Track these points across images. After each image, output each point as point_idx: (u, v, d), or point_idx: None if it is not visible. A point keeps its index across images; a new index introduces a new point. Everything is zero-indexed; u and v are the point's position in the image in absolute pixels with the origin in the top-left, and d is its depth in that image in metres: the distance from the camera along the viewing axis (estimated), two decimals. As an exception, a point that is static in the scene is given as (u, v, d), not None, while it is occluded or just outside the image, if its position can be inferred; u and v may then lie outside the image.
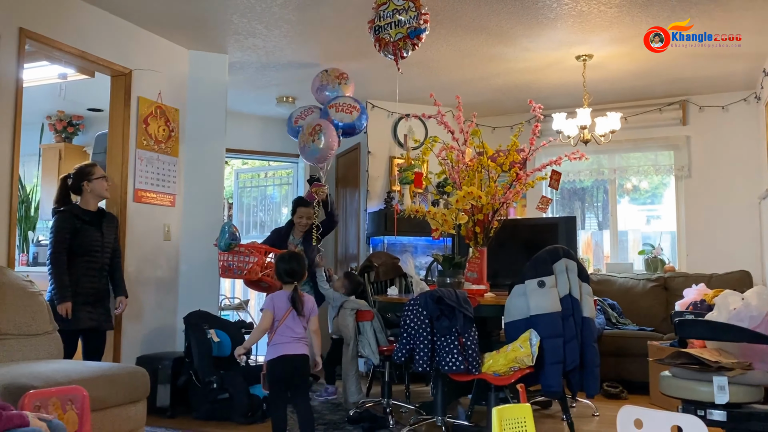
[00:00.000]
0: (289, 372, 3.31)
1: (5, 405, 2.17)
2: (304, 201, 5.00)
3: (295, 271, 3.44)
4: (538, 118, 4.33)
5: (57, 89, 5.77)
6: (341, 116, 4.79)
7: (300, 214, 4.97)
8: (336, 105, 4.81)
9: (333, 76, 5.03)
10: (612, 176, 6.75)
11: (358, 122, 4.84)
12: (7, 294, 3.27)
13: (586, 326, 3.55)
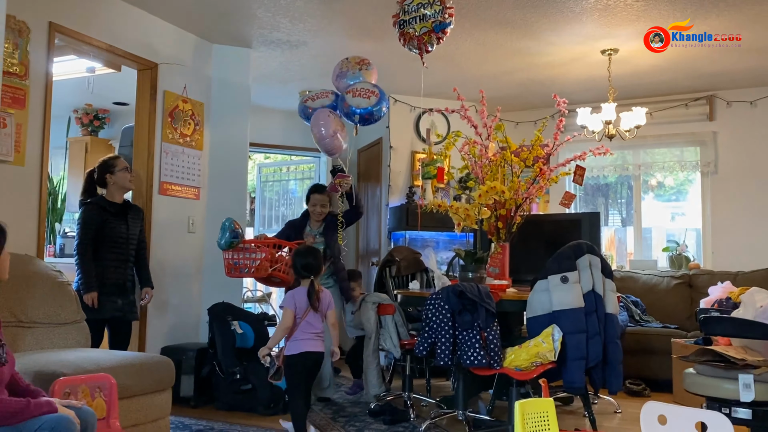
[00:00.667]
0: (309, 367, 3.43)
1: (37, 391, 2.23)
2: (318, 187, 4.78)
3: (312, 266, 3.47)
4: (563, 113, 4.31)
5: (83, 83, 5.87)
6: (358, 101, 4.45)
7: (314, 202, 4.67)
8: (353, 90, 4.50)
9: (353, 63, 4.76)
10: (636, 172, 6.68)
11: (376, 108, 4.49)
12: (36, 284, 3.34)
13: (610, 322, 3.52)
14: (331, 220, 4.67)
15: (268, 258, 4.12)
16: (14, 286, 3.21)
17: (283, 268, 4.12)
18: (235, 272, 4.22)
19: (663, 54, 5.23)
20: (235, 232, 4.09)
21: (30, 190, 3.79)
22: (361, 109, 4.47)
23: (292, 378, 3.43)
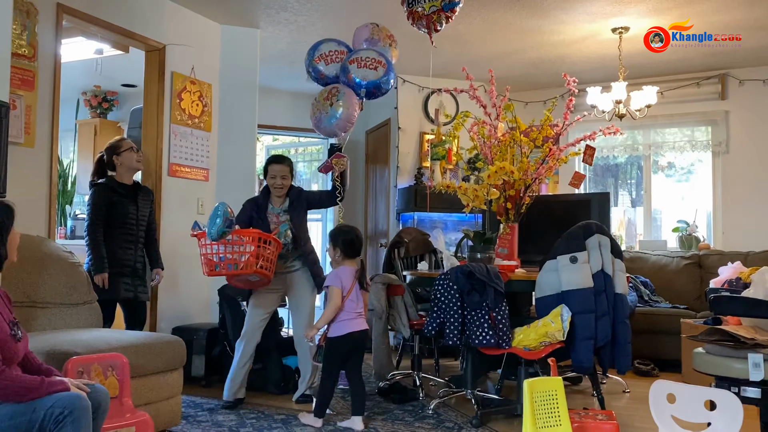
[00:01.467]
0: (352, 348, 3.46)
1: (49, 369, 2.26)
2: (276, 157, 4.07)
3: (358, 244, 3.53)
4: (573, 93, 4.27)
5: (92, 65, 5.87)
6: (364, 73, 4.01)
7: (272, 174, 3.95)
8: (358, 59, 4.03)
9: (384, 34, 4.25)
10: (647, 152, 6.63)
11: (384, 81, 4.05)
12: (48, 265, 3.37)
13: (619, 302, 3.52)
14: (297, 196, 4.04)
15: (254, 252, 3.51)
16: (26, 267, 3.24)
17: (267, 265, 3.56)
18: (220, 269, 3.52)
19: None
20: (229, 220, 3.42)
21: (40, 172, 3.82)
22: (367, 82, 4.03)
23: (331, 360, 3.44)
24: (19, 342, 2.10)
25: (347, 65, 4.06)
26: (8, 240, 2.09)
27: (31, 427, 1.92)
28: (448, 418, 3.65)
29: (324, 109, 3.99)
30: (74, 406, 1.95)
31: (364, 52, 4.06)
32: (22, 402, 1.96)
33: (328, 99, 3.99)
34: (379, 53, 4.09)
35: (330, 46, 4.21)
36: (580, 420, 2.79)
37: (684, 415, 2.21)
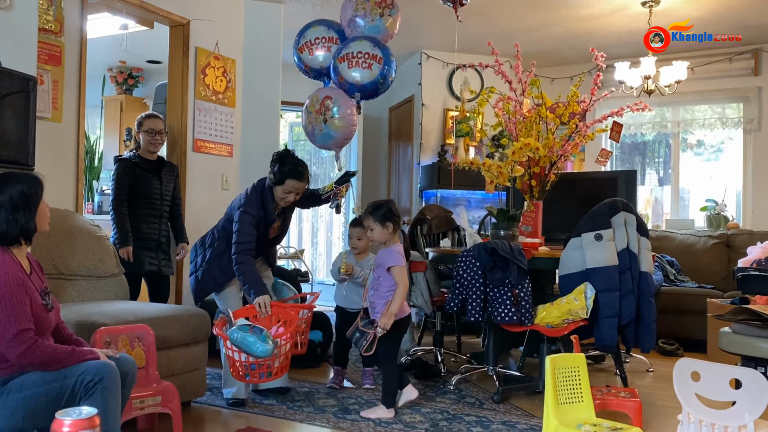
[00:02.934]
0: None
1: (79, 340, 2.30)
2: (299, 172, 3.33)
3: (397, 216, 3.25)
4: (600, 68, 4.19)
5: (117, 41, 5.90)
6: (357, 74, 3.50)
7: (288, 189, 3.33)
8: (348, 56, 3.51)
9: (372, 3, 3.68)
10: (675, 129, 6.51)
11: (381, 80, 3.56)
12: (76, 237, 3.42)
13: (644, 281, 3.48)
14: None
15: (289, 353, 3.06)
16: (55, 239, 3.30)
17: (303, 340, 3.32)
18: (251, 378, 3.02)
19: (706, 5, 5.03)
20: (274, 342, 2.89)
21: (68, 146, 3.87)
22: (361, 85, 3.54)
23: (397, 342, 3.26)
24: (50, 311, 2.14)
25: (337, 64, 3.54)
26: (38, 212, 2.12)
27: (62, 394, 1.97)
28: (469, 393, 3.66)
29: (317, 124, 3.59)
30: (104, 373, 1.99)
31: (355, 45, 3.51)
32: (53, 370, 2.01)
33: (321, 113, 3.55)
34: (373, 43, 3.54)
35: (317, 32, 3.80)
36: (602, 397, 2.78)
37: (708, 394, 2.18)
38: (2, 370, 2.01)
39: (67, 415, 1.03)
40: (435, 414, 3.25)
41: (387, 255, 3.18)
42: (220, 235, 3.47)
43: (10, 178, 2.10)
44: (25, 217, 2.07)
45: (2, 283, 1.96)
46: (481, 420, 3.16)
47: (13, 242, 2.06)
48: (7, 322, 1.94)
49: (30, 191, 2.09)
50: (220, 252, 3.42)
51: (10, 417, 1.98)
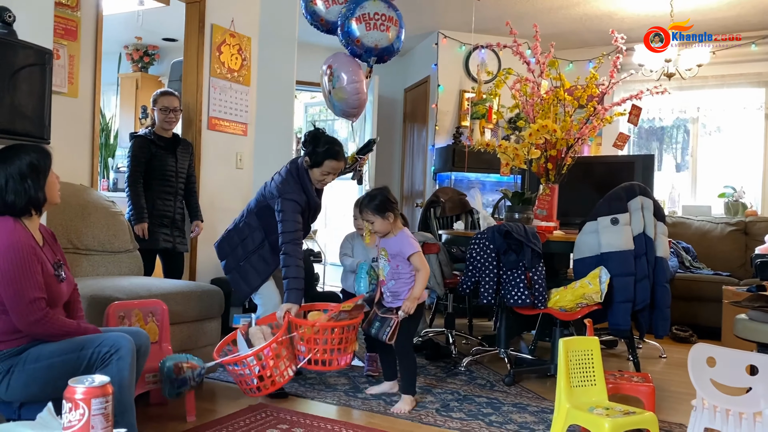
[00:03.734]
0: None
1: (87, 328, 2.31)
2: (334, 151, 3.17)
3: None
4: (619, 50, 4.12)
5: (133, 18, 5.89)
6: (375, 37, 3.32)
7: (326, 170, 3.17)
8: (365, 17, 3.31)
9: None
10: (695, 114, 6.41)
11: (396, 42, 3.46)
12: (91, 213, 3.44)
13: (659, 266, 3.45)
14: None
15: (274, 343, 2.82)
16: (70, 214, 3.32)
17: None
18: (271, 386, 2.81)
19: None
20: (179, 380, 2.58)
21: (83, 122, 3.87)
22: (380, 49, 3.39)
23: (414, 329, 3.14)
24: (62, 283, 2.15)
25: (351, 25, 3.34)
26: (47, 183, 2.12)
27: (79, 365, 1.99)
28: (480, 375, 3.66)
29: (326, 97, 3.45)
30: (120, 345, 2.00)
31: (370, 5, 3.31)
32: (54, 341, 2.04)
33: (329, 84, 3.39)
34: (387, 4, 3.35)
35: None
36: (615, 381, 2.76)
37: (723, 380, 2.16)
38: (17, 340, 2.03)
39: (80, 382, 1.03)
40: (446, 395, 3.25)
41: (401, 243, 3.01)
42: (255, 225, 3.21)
43: (18, 149, 2.10)
44: (34, 187, 2.07)
45: (14, 251, 1.97)
46: (492, 402, 3.15)
47: (23, 213, 2.07)
48: (20, 290, 1.95)
49: (38, 162, 2.09)
50: (259, 243, 3.19)
51: (27, 386, 2.00)
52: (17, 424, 1.10)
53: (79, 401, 1.02)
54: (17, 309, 1.96)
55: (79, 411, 1.01)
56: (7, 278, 1.95)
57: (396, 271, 3.05)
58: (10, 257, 1.96)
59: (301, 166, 3.19)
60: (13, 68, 2.35)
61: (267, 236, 3.18)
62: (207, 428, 2.63)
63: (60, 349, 2.02)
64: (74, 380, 1.03)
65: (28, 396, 2.03)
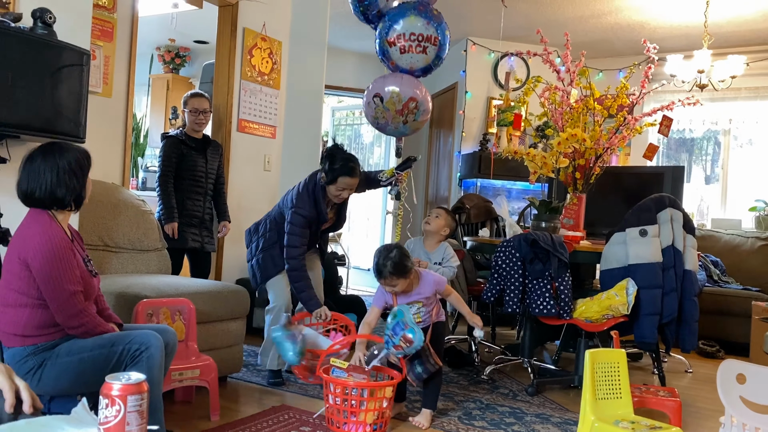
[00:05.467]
0: None
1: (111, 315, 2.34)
2: (348, 168, 3.20)
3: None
4: (651, 60, 4.08)
5: (167, 20, 5.98)
6: (411, 60, 3.24)
7: (341, 186, 3.23)
8: (398, 41, 3.21)
9: None
10: (726, 126, 6.31)
11: (435, 60, 3.35)
12: (122, 211, 3.50)
13: (687, 279, 3.40)
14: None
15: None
16: (101, 212, 3.37)
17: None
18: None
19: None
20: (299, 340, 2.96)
21: (117, 121, 3.94)
22: (416, 69, 3.31)
23: (441, 347, 3.09)
24: (95, 277, 2.20)
25: (386, 47, 3.23)
26: (86, 182, 2.16)
27: (109, 360, 2.03)
28: (503, 384, 3.64)
29: (394, 121, 3.34)
30: (150, 343, 2.04)
31: (406, 23, 3.16)
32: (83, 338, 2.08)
33: (403, 114, 3.30)
34: (426, 19, 3.17)
35: None
36: (641, 395, 2.73)
37: (754, 397, 2.12)
38: (51, 335, 2.07)
39: (117, 379, 1.05)
40: (468, 402, 3.24)
41: (433, 284, 2.92)
42: (272, 226, 3.48)
43: (63, 146, 2.14)
44: (79, 184, 2.12)
45: (52, 246, 2.01)
46: (515, 411, 3.14)
47: (64, 207, 2.11)
48: (60, 284, 2.00)
49: (84, 161, 2.14)
50: (272, 242, 3.45)
51: (57, 380, 2.04)
52: (53, 417, 1.12)
53: (116, 398, 1.03)
54: (58, 302, 2.00)
55: (116, 407, 1.03)
56: (46, 272, 1.99)
57: (430, 308, 2.97)
58: (49, 252, 2.00)
59: (318, 181, 3.33)
60: (54, 68, 2.41)
61: (280, 239, 3.41)
62: (231, 428, 2.66)
63: (91, 344, 2.06)
64: (111, 377, 1.05)
65: (58, 390, 2.07)
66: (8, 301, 2.04)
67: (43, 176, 2.07)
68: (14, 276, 2.03)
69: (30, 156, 2.10)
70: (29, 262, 2.00)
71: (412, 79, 3.38)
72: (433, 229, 3.47)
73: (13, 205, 2.41)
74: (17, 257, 2.02)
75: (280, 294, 3.45)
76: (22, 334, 2.04)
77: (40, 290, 2.01)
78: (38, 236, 2.02)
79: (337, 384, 2.70)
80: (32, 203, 2.10)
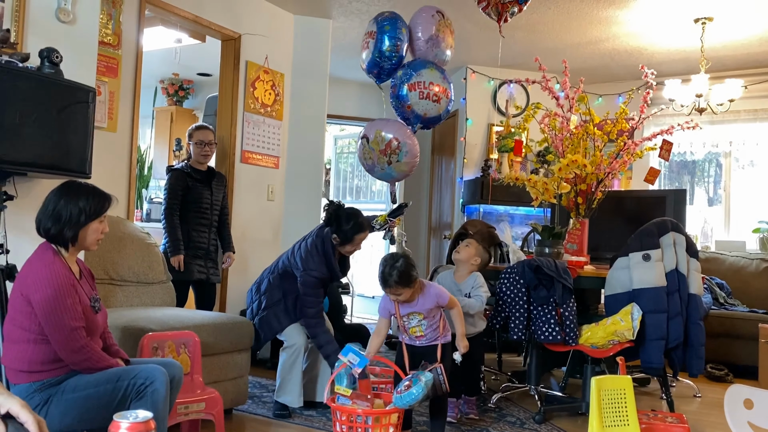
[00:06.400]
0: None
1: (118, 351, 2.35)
2: (360, 225, 3.32)
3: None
4: (649, 85, 4.12)
5: (170, 54, 6.08)
6: (426, 107, 3.42)
7: (357, 242, 3.35)
8: (418, 87, 3.39)
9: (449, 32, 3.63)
10: (727, 149, 6.34)
11: (446, 112, 3.61)
12: (127, 244, 3.52)
13: (693, 303, 3.40)
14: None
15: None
16: (107, 245, 3.40)
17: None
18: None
19: (761, 23, 4.91)
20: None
21: (121, 156, 3.99)
22: (428, 118, 3.50)
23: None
24: (97, 313, 2.21)
25: (404, 89, 3.43)
26: (88, 226, 2.17)
27: (114, 396, 2.03)
28: (510, 412, 3.61)
29: (379, 163, 3.49)
30: (155, 377, 2.04)
31: (426, 74, 3.41)
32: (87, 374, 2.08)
33: (386, 154, 3.44)
34: (442, 74, 3.45)
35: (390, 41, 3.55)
36: (649, 421, 2.71)
37: (762, 423, 2.10)
38: (56, 370, 2.07)
39: (124, 417, 1.05)
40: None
41: (434, 297, 2.90)
42: (275, 283, 3.43)
43: (77, 187, 2.17)
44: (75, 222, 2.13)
45: (54, 282, 2.03)
46: (522, 440, 3.11)
47: (62, 244, 2.15)
48: (60, 320, 2.01)
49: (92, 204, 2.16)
50: (276, 300, 3.40)
51: (64, 417, 2.04)
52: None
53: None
54: (58, 338, 2.02)
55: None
56: (48, 308, 2.01)
57: (432, 321, 2.94)
58: (49, 288, 2.02)
59: (326, 239, 3.32)
60: (60, 106, 2.45)
61: (284, 297, 3.40)
62: (236, 461, 2.64)
63: (96, 380, 2.06)
64: (119, 415, 1.06)
65: (64, 426, 2.06)
66: (13, 337, 2.06)
67: (47, 209, 2.12)
68: (18, 312, 2.05)
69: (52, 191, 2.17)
70: (31, 298, 2.02)
71: (400, 125, 3.51)
72: (463, 258, 3.43)
73: (22, 242, 2.44)
74: (20, 293, 2.05)
75: (295, 333, 3.38)
76: (28, 370, 2.04)
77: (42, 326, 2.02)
78: (40, 272, 2.04)
79: (343, 411, 2.69)
80: (42, 235, 2.14)
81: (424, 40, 3.68)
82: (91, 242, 2.21)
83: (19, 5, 2.62)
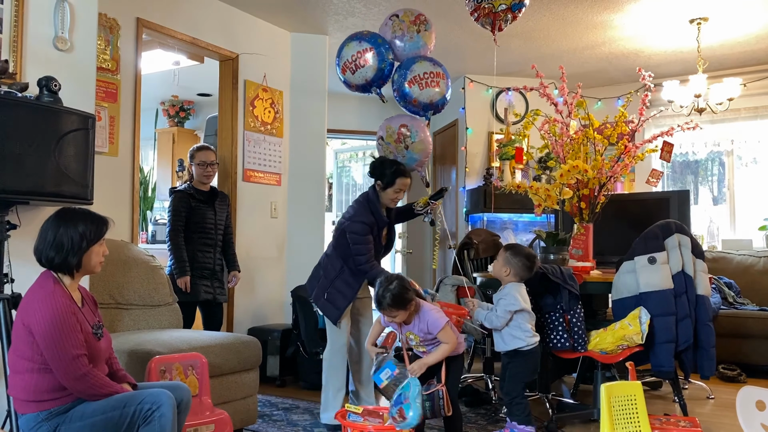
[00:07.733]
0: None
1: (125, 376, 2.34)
2: (401, 170, 3.44)
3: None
4: (647, 88, 4.12)
5: (169, 76, 6.12)
6: (429, 94, 3.62)
7: (398, 187, 3.40)
8: (416, 79, 3.61)
9: (408, 22, 3.73)
10: (729, 147, 6.33)
11: (447, 93, 3.74)
12: (132, 268, 3.53)
13: (701, 304, 3.38)
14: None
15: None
16: (112, 269, 3.40)
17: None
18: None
19: (758, 21, 4.92)
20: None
21: (123, 180, 4.01)
22: (435, 102, 3.68)
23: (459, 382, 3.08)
24: (100, 340, 2.21)
25: (405, 87, 3.65)
26: (90, 251, 2.18)
27: (122, 422, 2.03)
28: (521, 422, 3.58)
29: (399, 152, 3.66)
30: (161, 402, 2.04)
31: (418, 66, 3.63)
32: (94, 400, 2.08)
33: (401, 141, 3.63)
34: (431, 62, 3.67)
35: (351, 50, 3.73)
36: (661, 426, 2.69)
37: (775, 424, 2.09)
38: (62, 399, 2.07)
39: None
40: (487, 443, 3.19)
41: (426, 323, 2.84)
42: (332, 255, 3.50)
43: (72, 214, 2.18)
44: (76, 249, 2.14)
45: (54, 311, 2.04)
46: (535, 449, 3.08)
47: (62, 271, 2.16)
48: (62, 348, 2.01)
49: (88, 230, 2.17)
50: (338, 270, 3.45)
51: (72, 445, 2.04)
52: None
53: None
54: (61, 366, 2.02)
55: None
56: (48, 338, 2.01)
57: (434, 341, 2.88)
58: (49, 316, 2.03)
59: (370, 195, 3.48)
60: (60, 134, 2.47)
61: (345, 262, 3.45)
62: (248, 482, 2.63)
63: (103, 407, 2.06)
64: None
65: (73, 454, 2.06)
66: (18, 368, 2.07)
67: (47, 239, 2.13)
68: (21, 342, 2.06)
69: (46, 220, 2.17)
70: (32, 328, 2.03)
71: (403, 115, 3.78)
72: (493, 272, 3.37)
73: (26, 270, 2.45)
74: (22, 323, 2.06)
75: (336, 341, 3.48)
76: (35, 400, 2.04)
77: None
78: (40, 301, 2.05)
79: (354, 429, 2.68)
80: (44, 265, 2.14)
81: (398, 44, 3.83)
82: (95, 265, 2.22)
83: (16, 35, 2.65)
